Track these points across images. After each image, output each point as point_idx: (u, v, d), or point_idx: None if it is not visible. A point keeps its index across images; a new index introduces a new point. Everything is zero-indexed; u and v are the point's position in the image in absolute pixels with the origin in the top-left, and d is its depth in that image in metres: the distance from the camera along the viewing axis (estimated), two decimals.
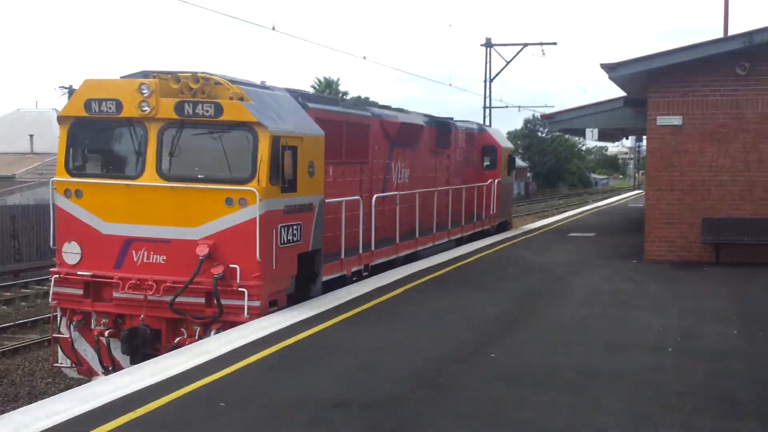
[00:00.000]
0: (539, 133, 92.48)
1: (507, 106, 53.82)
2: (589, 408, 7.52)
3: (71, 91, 61.19)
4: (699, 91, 17.41)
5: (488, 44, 45.97)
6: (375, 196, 15.91)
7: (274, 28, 22.44)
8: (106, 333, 11.47)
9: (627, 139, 62.69)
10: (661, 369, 8.89)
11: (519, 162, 61.23)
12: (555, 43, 69.78)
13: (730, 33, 22.08)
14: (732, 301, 13.14)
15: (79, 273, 11.54)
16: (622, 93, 22.99)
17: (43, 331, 18.62)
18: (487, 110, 45.69)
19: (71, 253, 11.68)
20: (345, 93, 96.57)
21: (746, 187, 17.26)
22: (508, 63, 46.98)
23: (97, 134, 11.96)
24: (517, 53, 45.97)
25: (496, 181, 24.27)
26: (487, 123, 43.30)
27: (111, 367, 11.42)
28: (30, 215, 29.70)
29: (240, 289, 10.99)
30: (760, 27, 16.65)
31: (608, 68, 17.69)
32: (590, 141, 37.31)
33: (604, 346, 9.93)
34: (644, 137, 28.74)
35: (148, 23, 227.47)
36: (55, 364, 12.54)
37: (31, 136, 40.72)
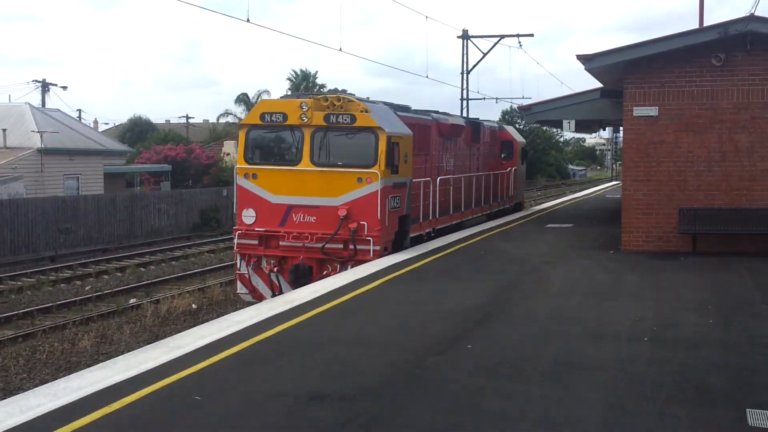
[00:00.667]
0: (516, 125, 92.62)
1: (484, 98, 53.90)
2: (565, 398, 7.53)
3: (45, 85, 60.92)
4: (675, 82, 17.47)
5: (465, 36, 45.94)
6: (438, 178, 20.68)
7: (248, 20, 22.34)
8: (275, 269, 16.84)
9: (604, 130, 62.72)
10: (637, 358, 8.92)
11: None
12: (532, 35, 69.94)
13: (703, 24, 22.18)
14: (708, 291, 13.20)
15: (255, 229, 16.91)
16: (598, 84, 23.04)
17: (17, 326, 18.48)
18: (465, 102, 45.64)
19: (249, 216, 17.03)
20: (322, 86, 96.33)
21: (722, 177, 17.35)
22: (485, 55, 47.05)
23: (267, 136, 17.46)
24: (494, 45, 46.03)
25: (513, 169, 29.54)
26: (464, 114, 43.33)
27: (279, 292, 16.36)
28: (3, 210, 29.38)
29: (367, 237, 16.29)
30: (735, 18, 16.76)
31: (584, 59, 17.72)
32: (567, 132, 37.78)
33: (581, 337, 9.95)
34: (621, 128, 28.84)
35: (119, 14, 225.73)
36: (236, 292, 18.07)
37: (4, 130, 40.30)
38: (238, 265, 17.36)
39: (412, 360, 8.85)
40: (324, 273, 16.27)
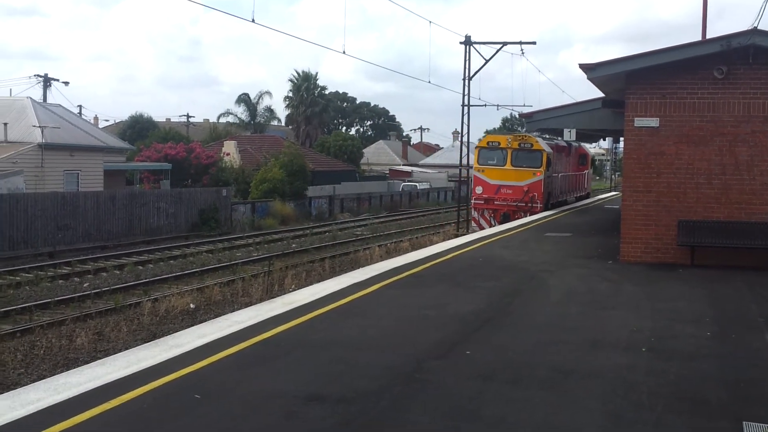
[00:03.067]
0: (519, 130, 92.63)
1: (485, 105, 54.01)
2: (563, 405, 7.57)
3: (46, 80, 61.01)
4: (676, 93, 17.51)
5: (467, 42, 45.92)
6: (560, 174, 38.61)
7: (253, 20, 22.41)
8: (492, 215, 34.15)
9: (604, 140, 62.88)
10: (634, 368, 8.96)
11: None
12: (534, 43, 70.06)
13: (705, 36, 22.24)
14: (706, 303, 13.23)
15: (483, 196, 34.51)
16: (599, 94, 23.10)
17: (15, 321, 18.49)
18: (465, 108, 45.64)
19: (479, 189, 34.62)
20: (323, 87, 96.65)
21: (722, 190, 17.39)
22: (487, 61, 46.98)
23: (489, 152, 34.83)
24: (496, 51, 45.95)
25: (586, 172, 49.15)
26: (465, 121, 43.54)
27: (494, 224, 32.18)
28: (2, 205, 29.37)
29: (537, 200, 33.82)
30: (738, 31, 16.80)
31: (587, 68, 17.77)
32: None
33: (579, 345, 9.99)
34: (621, 139, 29.00)
35: (120, 11, 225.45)
36: (471, 226, 35.68)
37: (5, 124, 40.29)
38: (474, 213, 35.48)
39: (411, 364, 8.89)
40: (516, 216, 32.66)
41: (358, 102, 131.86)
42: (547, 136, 37.85)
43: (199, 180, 50.27)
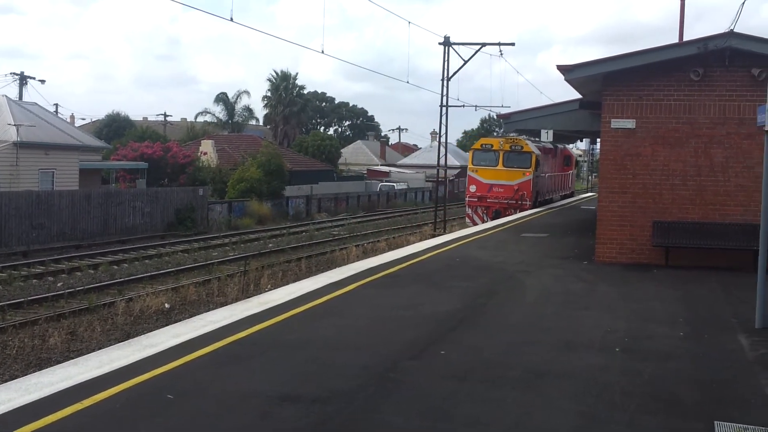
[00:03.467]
0: (495, 134, 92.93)
1: (464, 105, 54.04)
2: (537, 405, 7.58)
3: (23, 78, 60.53)
4: (653, 95, 17.60)
5: (446, 43, 45.97)
6: (547, 174, 41.70)
7: (232, 19, 22.35)
8: (485, 212, 37.27)
9: (581, 141, 63.17)
10: (608, 369, 8.98)
11: None
12: (513, 44, 69.99)
13: (681, 39, 22.36)
14: (680, 304, 13.30)
15: (476, 194, 37.72)
16: (577, 95, 23.16)
17: None
18: (444, 109, 45.67)
19: (473, 188, 37.81)
20: (302, 87, 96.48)
21: (696, 191, 17.50)
22: (465, 62, 47.05)
23: (482, 153, 38.15)
24: (475, 52, 46.04)
25: (571, 172, 52.68)
26: (443, 122, 43.67)
27: (486, 221, 34.71)
28: None
29: (526, 198, 37.16)
30: (714, 33, 16.90)
31: (564, 70, 17.81)
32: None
33: (554, 346, 10.01)
34: (598, 140, 29.10)
35: (98, 9, 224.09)
36: (466, 222, 38.54)
37: None
38: (468, 210, 38.34)
39: (386, 363, 8.87)
40: (507, 213, 35.53)
41: (336, 102, 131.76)
42: (525, 137, 38.88)
43: (176, 179, 50.01)
